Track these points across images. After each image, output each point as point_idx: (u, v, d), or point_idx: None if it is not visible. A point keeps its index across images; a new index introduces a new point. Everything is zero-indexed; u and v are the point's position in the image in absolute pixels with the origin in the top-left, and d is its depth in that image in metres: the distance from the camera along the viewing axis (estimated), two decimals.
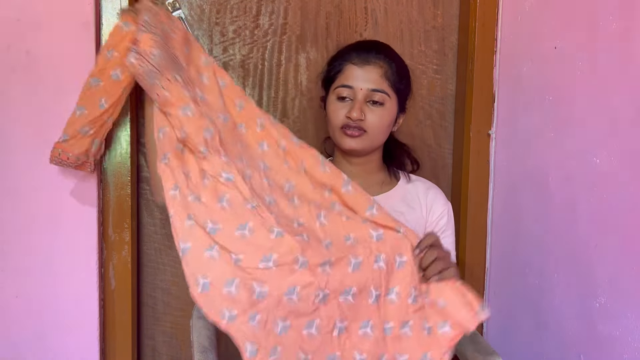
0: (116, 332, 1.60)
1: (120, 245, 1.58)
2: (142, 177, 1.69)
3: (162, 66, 1.16)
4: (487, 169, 1.71)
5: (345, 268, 1.14)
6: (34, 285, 1.53)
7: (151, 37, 1.16)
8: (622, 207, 1.18)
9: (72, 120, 1.34)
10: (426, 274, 1.18)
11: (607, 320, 1.23)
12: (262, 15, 1.68)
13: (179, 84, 1.17)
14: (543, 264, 1.46)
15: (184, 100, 1.17)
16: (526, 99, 1.54)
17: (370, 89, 1.32)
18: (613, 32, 1.22)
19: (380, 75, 1.33)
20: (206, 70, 1.27)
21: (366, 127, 1.32)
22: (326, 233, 1.18)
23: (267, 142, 1.26)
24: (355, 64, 1.34)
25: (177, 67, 1.20)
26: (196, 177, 1.16)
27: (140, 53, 1.15)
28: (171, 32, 1.23)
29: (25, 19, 1.47)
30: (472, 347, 1.35)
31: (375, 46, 1.37)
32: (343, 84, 1.34)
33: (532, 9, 1.53)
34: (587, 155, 1.29)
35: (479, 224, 1.72)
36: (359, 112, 1.31)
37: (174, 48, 1.21)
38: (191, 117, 1.17)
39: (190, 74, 1.23)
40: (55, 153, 1.37)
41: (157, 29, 1.18)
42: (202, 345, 1.34)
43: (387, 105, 1.33)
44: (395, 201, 1.39)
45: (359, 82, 1.32)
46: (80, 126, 1.34)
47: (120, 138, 1.56)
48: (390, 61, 1.35)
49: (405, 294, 1.17)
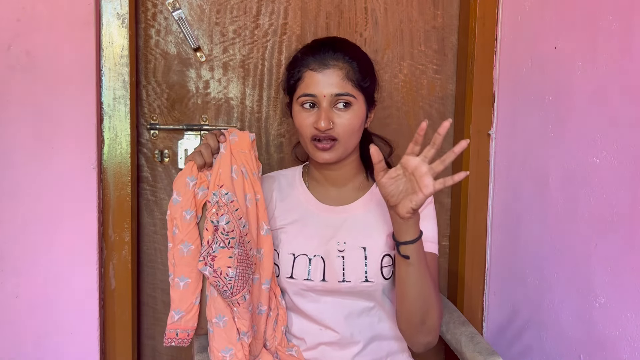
0: (116, 332, 1.60)
1: (120, 245, 1.58)
2: (142, 177, 1.69)
3: (236, 287, 1.16)
4: (487, 169, 1.71)
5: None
6: (34, 285, 1.53)
7: (228, 254, 1.16)
8: (622, 207, 1.18)
9: (180, 295, 1.22)
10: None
11: (607, 320, 1.23)
12: (262, 15, 1.68)
13: (246, 303, 1.19)
14: (543, 264, 1.46)
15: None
16: (526, 99, 1.54)
17: (334, 94, 1.24)
18: (613, 32, 1.22)
19: (342, 77, 1.25)
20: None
21: (336, 134, 1.25)
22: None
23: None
24: (313, 69, 1.26)
25: (249, 275, 1.20)
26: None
27: (215, 271, 1.15)
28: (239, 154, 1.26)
29: (25, 19, 1.47)
30: (472, 347, 1.35)
31: (332, 46, 1.28)
32: (305, 92, 1.26)
33: (532, 9, 1.53)
34: (587, 155, 1.29)
35: (479, 224, 1.72)
36: (326, 122, 1.23)
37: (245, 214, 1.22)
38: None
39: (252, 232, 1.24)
40: (172, 335, 1.23)
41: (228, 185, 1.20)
42: (202, 345, 1.34)
43: (354, 107, 1.26)
44: (372, 205, 1.34)
45: (321, 88, 1.24)
46: (194, 296, 1.23)
47: (121, 138, 1.56)
48: (350, 60, 1.26)
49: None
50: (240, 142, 1.26)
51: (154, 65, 1.67)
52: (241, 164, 1.25)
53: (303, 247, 1.30)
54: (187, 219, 1.21)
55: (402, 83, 1.75)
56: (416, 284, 1.19)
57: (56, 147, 1.51)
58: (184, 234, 1.21)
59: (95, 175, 1.53)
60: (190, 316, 1.22)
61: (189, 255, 1.21)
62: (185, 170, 1.23)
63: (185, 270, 1.22)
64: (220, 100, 1.70)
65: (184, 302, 1.22)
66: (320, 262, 1.29)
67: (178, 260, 1.22)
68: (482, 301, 1.75)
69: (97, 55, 1.52)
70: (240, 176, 1.24)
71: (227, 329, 1.20)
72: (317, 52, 1.27)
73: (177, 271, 1.22)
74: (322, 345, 1.31)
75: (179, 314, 1.22)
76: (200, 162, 1.22)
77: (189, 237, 1.21)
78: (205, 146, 1.23)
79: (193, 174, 1.22)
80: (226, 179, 1.21)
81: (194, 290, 1.22)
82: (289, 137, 1.72)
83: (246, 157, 1.26)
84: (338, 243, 1.30)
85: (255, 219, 1.25)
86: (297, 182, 1.38)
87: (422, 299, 1.20)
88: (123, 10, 1.53)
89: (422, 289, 1.20)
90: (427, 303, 1.21)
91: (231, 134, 1.27)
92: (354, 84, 1.26)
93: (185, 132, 1.68)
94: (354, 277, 1.28)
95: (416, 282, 1.19)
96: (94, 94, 1.51)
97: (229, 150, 1.24)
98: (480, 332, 1.70)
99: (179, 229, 1.21)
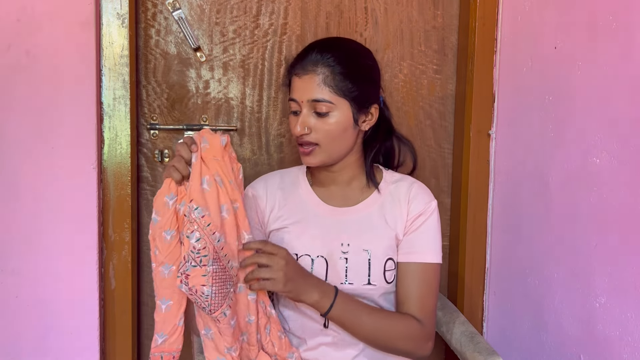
0: (116, 332, 1.60)
1: (120, 245, 1.58)
2: (142, 177, 1.69)
3: (213, 305, 1.13)
4: (487, 169, 1.71)
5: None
6: (34, 285, 1.53)
7: (201, 272, 1.11)
8: (622, 207, 1.18)
9: (163, 317, 1.19)
10: (246, 277, 1.19)
11: (607, 320, 1.23)
12: (262, 15, 1.68)
13: (226, 319, 1.16)
14: (543, 264, 1.46)
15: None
16: (526, 99, 1.54)
17: (310, 100, 1.23)
18: (613, 32, 1.22)
19: (318, 83, 1.23)
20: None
21: (316, 140, 1.25)
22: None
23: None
24: (297, 74, 1.26)
25: (228, 290, 1.16)
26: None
27: (190, 289, 1.12)
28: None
29: (25, 19, 1.47)
30: (472, 347, 1.35)
31: (315, 50, 1.26)
32: (290, 97, 1.28)
33: (532, 9, 1.53)
34: (587, 155, 1.29)
35: (479, 224, 1.72)
36: (301, 127, 1.24)
37: (223, 228, 1.16)
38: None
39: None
40: (157, 358, 1.21)
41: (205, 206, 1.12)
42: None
43: (333, 112, 1.24)
44: (376, 207, 1.33)
45: (300, 93, 1.24)
46: (177, 318, 1.20)
47: (121, 138, 1.56)
48: (332, 64, 1.23)
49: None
50: (212, 149, 1.17)
51: (154, 65, 1.67)
52: (215, 173, 1.16)
53: (306, 247, 1.30)
54: (167, 240, 1.15)
55: (402, 83, 1.75)
56: (358, 334, 1.27)
57: (56, 147, 1.51)
58: (164, 255, 1.16)
59: (95, 175, 1.53)
60: (174, 339, 1.19)
61: (170, 277, 1.16)
62: (163, 189, 1.15)
63: (166, 292, 1.17)
64: (220, 100, 1.70)
65: (167, 324, 1.18)
66: (323, 263, 1.29)
67: (159, 283, 1.17)
68: (482, 301, 1.75)
69: (97, 55, 1.52)
70: (214, 186, 1.15)
71: (215, 340, 1.19)
72: (302, 57, 1.27)
73: (159, 294, 1.18)
74: (323, 346, 1.31)
75: (163, 337, 1.19)
76: (177, 178, 1.15)
77: (169, 258, 1.16)
78: (178, 159, 1.16)
79: (172, 191, 1.15)
80: (196, 192, 1.13)
81: (177, 312, 1.19)
82: (289, 137, 1.72)
83: (219, 164, 1.17)
84: (342, 244, 1.30)
85: (235, 229, 1.19)
86: (301, 182, 1.38)
87: (375, 339, 1.27)
88: (123, 10, 1.53)
89: (368, 334, 1.27)
90: (383, 339, 1.27)
91: (202, 141, 1.18)
92: (333, 89, 1.23)
93: (185, 132, 1.68)
94: (357, 280, 1.28)
95: (356, 332, 1.27)
96: (94, 94, 1.51)
97: (199, 159, 1.16)
98: (480, 332, 1.70)
99: (159, 250, 1.16)
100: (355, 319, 1.24)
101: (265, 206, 1.35)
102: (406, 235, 1.31)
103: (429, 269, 1.29)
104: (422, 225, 1.30)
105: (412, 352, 1.28)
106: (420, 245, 1.30)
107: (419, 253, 1.29)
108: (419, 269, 1.29)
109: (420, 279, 1.28)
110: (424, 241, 1.30)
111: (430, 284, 1.29)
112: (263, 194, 1.36)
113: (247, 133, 1.72)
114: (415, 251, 1.29)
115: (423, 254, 1.29)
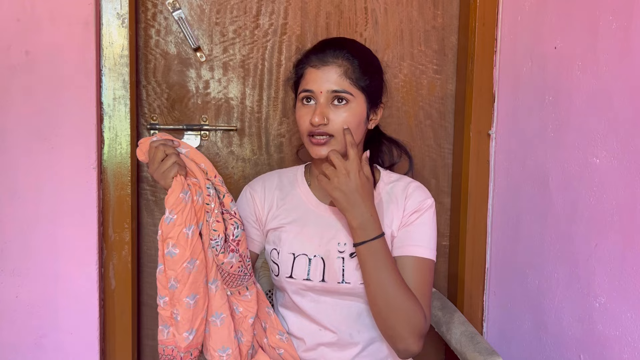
0: (116, 332, 1.60)
1: (120, 245, 1.58)
2: (142, 177, 1.69)
3: (251, 271, 1.22)
4: (487, 169, 1.71)
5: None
6: (34, 285, 1.53)
7: (244, 236, 1.21)
8: (622, 207, 1.18)
9: (192, 313, 1.17)
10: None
11: (607, 320, 1.23)
12: (262, 15, 1.68)
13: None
14: (543, 264, 1.46)
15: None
16: (526, 99, 1.54)
17: (330, 91, 1.25)
18: (613, 32, 1.22)
19: (340, 74, 1.25)
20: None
21: (332, 131, 1.25)
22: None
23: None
24: (314, 66, 1.27)
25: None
26: None
27: (241, 255, 1.19)
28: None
29: (25, 19, 1.47)
30: (472, 347, 1.35)
31: (334, 44, 1.30)
32: (304, 88, 1.27)
33: (532, 9, 1.53)
34: (587, 155, 1.29)
35: (479, 224, 1.72)
36: (320, 117, 1.24)
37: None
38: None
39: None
40: (169, 351, 1.21)
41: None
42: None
43: (351, 104, 1.26)
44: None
45: (319, 84, 1.25)
46: (204, 311, 1.20)
47: (121, 138, 1.56)
48: (351, 58, 1.26)
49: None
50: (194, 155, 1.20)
51: (154, 65, 1.67)
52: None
53: (303, 247, 1.30)
54: (189, 235, 1.14)
55: (402, 83, 1.75)
56: (370, 284, 1.23)
57: (56, 147, 1.51)
58: (189, 251, 1.14)
59: (95, 175, 1.53)
60: (201, 331, 1.19)
61: (196, 271, 1.16)
62: (175, 187, 1.13)
63: (193, 287, 1.16)
64: (220, 100, 1.70)
65: (196, 319, 1.18)
66: (320, 263, 1.29)
67: (185, 280, 1.15)
68: (482, 301, 1.75)
69: (97, 55, 1.52)
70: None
71: (224, 326, 1.19)
72: (319, 50, 1.29)
73: (185, 291, 1.15)
74: (322, 346, 1.31)
75: (192, 333, 1.17)
76: (184, 171, 1.15)
77: (193, 252, 1.15)
78: (170, 156, 1.15)
79: (184, 187, 1.14)
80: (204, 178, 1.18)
81: (203, 305, 1.19)
82: (289, 137, 1.72)
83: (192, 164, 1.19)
84: (339, 244, 1.30)
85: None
86: (299, 181, 1.38)
87: (381, 300, 1.22)
88: (123, 10, 1.53)
89: (378, 290, 1.22)
90: (389, 305, 1.21)
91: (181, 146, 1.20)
92: (352, 81, 1.26)
93: (185, 132, 1.68)
94: (354, 279, 1.28)
95: (370, 282, 1.23)
96: (94, 94, 1.52)
97: (190, 151, 1.19)
98: (480, 332, 1.70)
99: (181, 247, 1.14)
100: (377, 270, 1.21)
101: (263, 205, 1.35)
102: (400, 229, 1.29)
103: (423, 264, 1.27)
104: (417, 220, 1.29)
105: (404, 338, 1.22)
106: (414, 239, 1.28)
107: (413, 246, 1.27)
108: (413, 262, 1.26)
109: (415, 272, 1.25)
110: (418, 235, 1.28)
111: (424, 279, 1.26)
112: (261, 194, 1.36)
113: (247, 133, 1.72)
114: (409, 244, 1.27)
115: (416, 248, 1.27)
